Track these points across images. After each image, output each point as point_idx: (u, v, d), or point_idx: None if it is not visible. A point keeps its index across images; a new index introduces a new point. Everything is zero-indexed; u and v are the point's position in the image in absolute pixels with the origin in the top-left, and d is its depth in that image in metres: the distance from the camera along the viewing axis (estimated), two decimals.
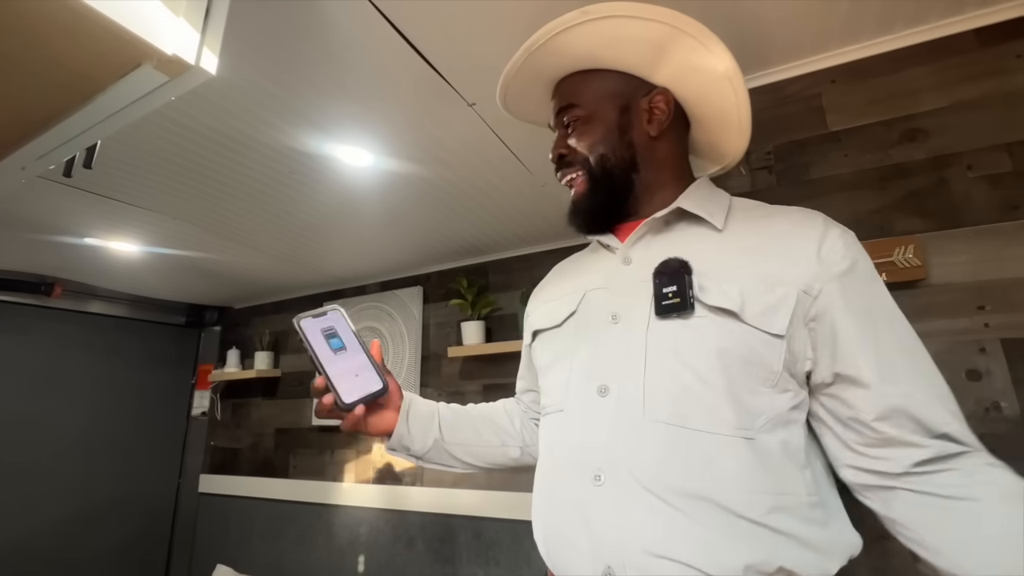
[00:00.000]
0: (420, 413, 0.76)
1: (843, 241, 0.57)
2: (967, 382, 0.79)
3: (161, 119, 1.07)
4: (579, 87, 0.70)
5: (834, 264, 0.55)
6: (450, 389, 2.11)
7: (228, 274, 2.30)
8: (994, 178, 0.82)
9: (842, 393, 0.55)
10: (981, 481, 0.49)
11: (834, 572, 0.52)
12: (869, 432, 0.53)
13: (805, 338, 0.55)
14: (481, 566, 1.87)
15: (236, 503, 2.56)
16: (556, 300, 0.72)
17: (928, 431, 0.51)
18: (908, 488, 0.52)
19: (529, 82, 0.73)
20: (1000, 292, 0.79)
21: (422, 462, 0.77)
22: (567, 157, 0.69)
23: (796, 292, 0.54)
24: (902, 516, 0.52)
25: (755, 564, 0.48)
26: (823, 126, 0.96)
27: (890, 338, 0.54)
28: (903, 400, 0.51)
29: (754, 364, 0.54)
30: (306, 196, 1.48)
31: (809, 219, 0.60)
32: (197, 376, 2.94)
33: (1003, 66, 0.85)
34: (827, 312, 0.54)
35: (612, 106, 0.67)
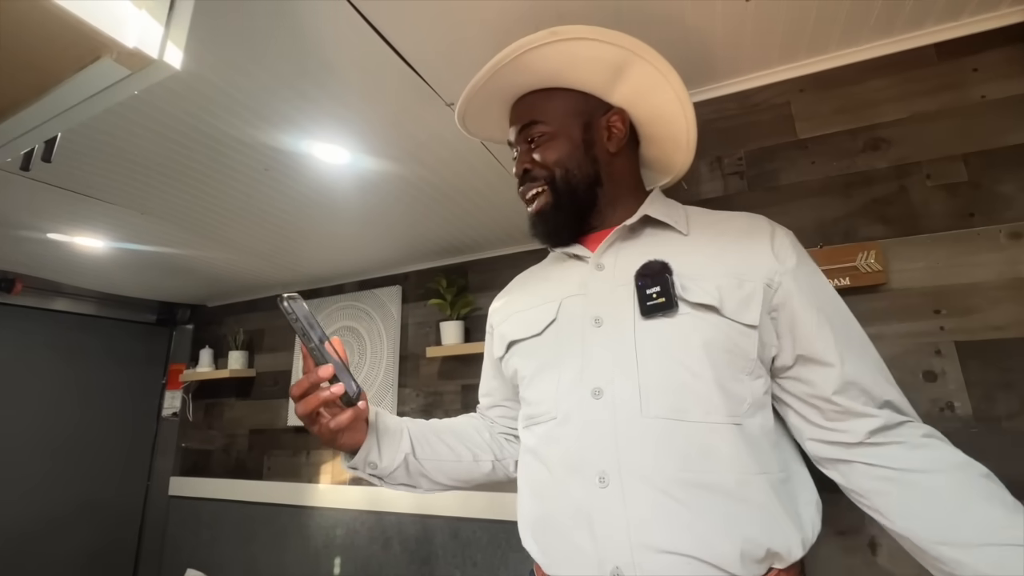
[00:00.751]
0: (389, 427, 0.72)
1: (788, 239, 0.65)
2: (923, 383, 0.82)
3: (128, 112, 1.04)
4: (542, 104, 0.73)
5: (786, 259, 0.62)
6: (428, 389, 2.10)
7: (200, 271, 2.24)
8: (951, 187, 0.86)
9: (803, 374, 0.61)
10: (922, 455, 0.56)
11: (805, 549, 0.56)
12: (829, 406, 0.59)
13: (770, 326, 0.61)
14: (458, 566, 1.86)
15: (208, 506, 2.50)
16: (529, 310, 0.73)
17: (875, 401, 0.58)
18: (862, 461, 0.58)
19: (488, 100, 0.76)
20: (955, 297, 0.82)
21: (384, 482, 0.71)
22: (532, 172, 0.71)
23: (762, 286, 0.61)
24: (859, 486, 0.59)
25: (748, 550, 0.52)
26: (792, 133, 0.99)
27: (837, 321, 0.61)
28: (855, 375, 0.58)
29: (734, 354, 0.59)
30: (281, 193, 1.46)
31: (757, 222, 0.68)
32: (168, 376, 2.86)
33: (960, 80, 0.88)
34: (786, 302, 0.61)
35: (576, 123, 0.71)
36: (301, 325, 0.56)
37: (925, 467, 0.55)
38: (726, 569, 0.52)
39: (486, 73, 0.71)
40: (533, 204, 0.72)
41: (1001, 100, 0.85)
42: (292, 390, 0.59)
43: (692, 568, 0.52)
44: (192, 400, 2.74)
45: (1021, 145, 0.83)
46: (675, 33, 0.91)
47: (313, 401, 0.58)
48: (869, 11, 0.87)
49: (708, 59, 0.99)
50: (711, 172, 1.04)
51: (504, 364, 0.76)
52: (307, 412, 0.58)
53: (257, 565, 2.29)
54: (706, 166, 1.04)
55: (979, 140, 0.85)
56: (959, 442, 0.78)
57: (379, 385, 2.19)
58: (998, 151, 0.84)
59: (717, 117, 1.06)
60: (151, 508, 2.68)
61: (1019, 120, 0.84)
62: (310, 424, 0.61)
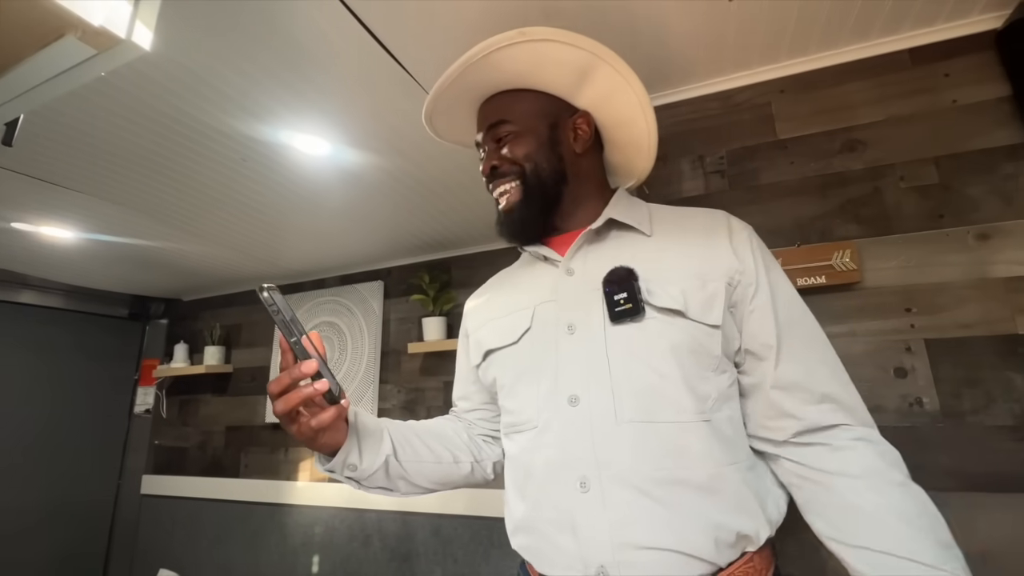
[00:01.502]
0: (369, 427, 0.69)
1: (746, 234, 0.66)
2: (894, 379, 0.84)
3: (96, 96, 1.00)
4: (510, 105, 0.73)
5: (744, 255, 0.64)
6: (410, 385, 2.09)
7: (175, 264, 2.18)
8: (923, 189, 0.88)
9: (749, 367, 0.63)
10: (840, 458, 0.57)
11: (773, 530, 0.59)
12: (766, 401, 0.61)
13: (731, 322, 0.62)
14: (439, 563, 1.86)
15: (182, 505, 2.44)
16: (505, 317, 0.73)
17: (814, 398, 0.59)
18: (787, 457, 0.60)
19: (456, 99, 0.76)
20: (925, 295, 0.85)
21: (361, 485, 0.69)
22: (500, 168, 0.71)
23: (723, 285, 0.62)
24: (786, 480, 0.61)
25: (721, 537, 0.55)
26: (773, 134, 1.01)
27: (784, 318, 0.62)
28: (794, 373, 0.60)
29: (700, 354, 0.60)
30: (260, 184, 1.42)
31: (715, 218, 0.69)
32: (140, 371, 2.79)
33: (933, 84, 0.91)
34: (743, 299, 0.62)
35: (542, 123, 0.72)
36: (283, 318, 0.53)
37: (838, 470, 0.56)
38: (704, 558, 0.54)
39: (455, 70, 0.70)
40: (503, 202, 0.71)
41: (971, 105, 0.88)
42: (270, 387, 0.55)
43: (672, 561, 0.54)
44: (166, 396, 2.67)
45: (989, 149, 0.85)
46: (659, 32, 0.91)
47: (294, 398, 0.54)
48: (847, 14, 0.88)
49: (691, 59, 0.99)
50: (693, 171, 1.05)
51: (482, 372, 0.76)
52: (287, 410, 0.55)
53: (233, 564, 2.25)
54: (688, 164, 1.05)
55: (949, 144, 0.88)
56: (926, 436, 0.80)
57: (360, 381, 2.16)
58: (967, 154, 0.86)
59: (700, 116, 1.07)
60: (122, 507, 2.61)
61: (987, 125, 0.86)
62: (289, 423, 0.57)
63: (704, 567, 0.54)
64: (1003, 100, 0.86)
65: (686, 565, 0.54)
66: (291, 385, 0.55)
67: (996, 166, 0.84)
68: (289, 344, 0.54)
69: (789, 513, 0.62)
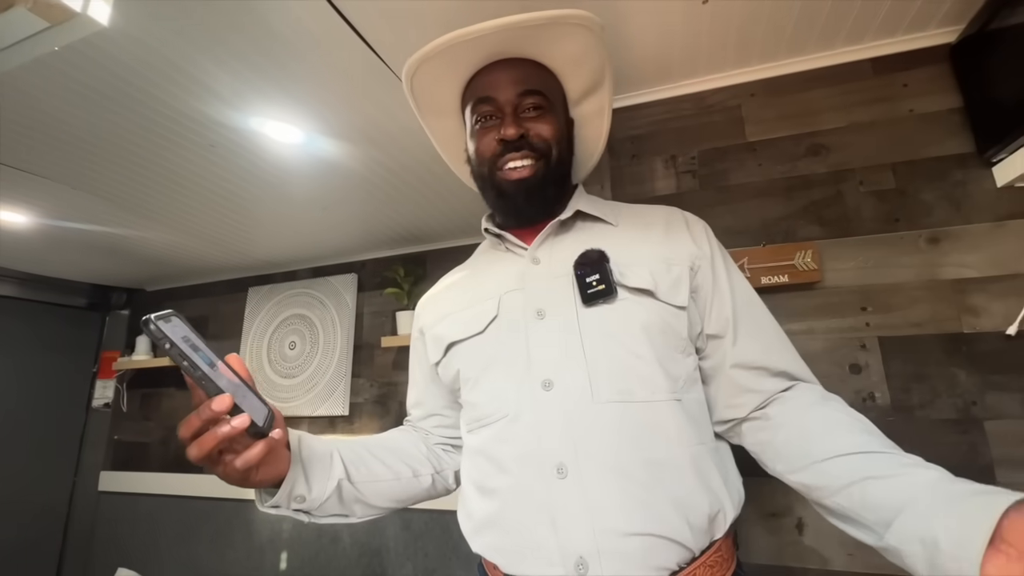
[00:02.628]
0: (316, 452, 0.63)
1: (701, 226, 0.70)
2: (849, 375, 0.88)
3: (53, 73, 0.95)
4: (544, 79, 0.70)
5: (702, 245, 0.67)
6: (383, 380, 2.07)
7: (139, 253, 2.10)
8: (880, 193, 0.92)
9: (710, 350, 0.65)
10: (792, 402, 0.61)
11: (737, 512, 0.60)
12: (727, 381, 0.63)
13: (694, 307, 0.65)
14: (410, 558, 1.85)
15: (143, 501, 2.36)
16: (467, 309, 0.71)
17: (771, 371, 0.62)
18: (750, 419, 0.63)
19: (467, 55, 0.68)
20: (880, 295, 0.89)
21: (311, 516, 0.62)
22: (529, 139, 0.66)
23: (687, 268, 0.65)
24: (750, 444, 0.63)
25: (695, 521, 0.55)
26: (742, 136, 1.03)
27: (740, 301, 0.65)
28: (752, 350, 0.63)
29: (669, 334, 0.62)
30: (229, 172, 1.38)
31: (673, 213, 0.72)
32: (99, 364, 2.68)
33: (892, 93, 0.95)
34: (703, 284, 0.65)
35: (563, 112, 0.73)
36: (179, 350, 0.45)
37: (790, 407, 0.60)
38: (681, 542, 0.54)
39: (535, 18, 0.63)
40: (514, 171, 0.66)
41: (926, 115, 0.92)
42: (180, 431, 0.47)
43: (651, 547, 0.53)
44: (127, 390, 2.58)
45: (942, 157, 0.90)
46: (637, 31, 0.93)
47: (208, 442, 0.46)
48: (815, 22, 0.91)
49: (667, 59, 1.01)
50: (665, 170, 1.07)
51: (442, 368, 0.73)
52: (201, 456, 0.47)
53: (198, 562, 2.19)
54: (661, 164, 1.07)
55: (906, 151, 0.92)
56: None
57: (331, 375, 2.13)
58: (922, 162, 0.91)
59: (673, 116, 1.09)
60: (78, 505, 2.50)
61: (941, 134, 0.91)
62: (211, 467, 0.50)
63: (682, 553, 0.54)
64: (955, 111, 0.90)
65: (665, 551, 0.54)
66: (204, 427, 0.47)
67: (947, 173, 0.89)
68: (194, 380, 0.46)
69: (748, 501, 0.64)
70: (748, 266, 0.93)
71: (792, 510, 0.87)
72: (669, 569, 0.54)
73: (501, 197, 0.69)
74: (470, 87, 0.72)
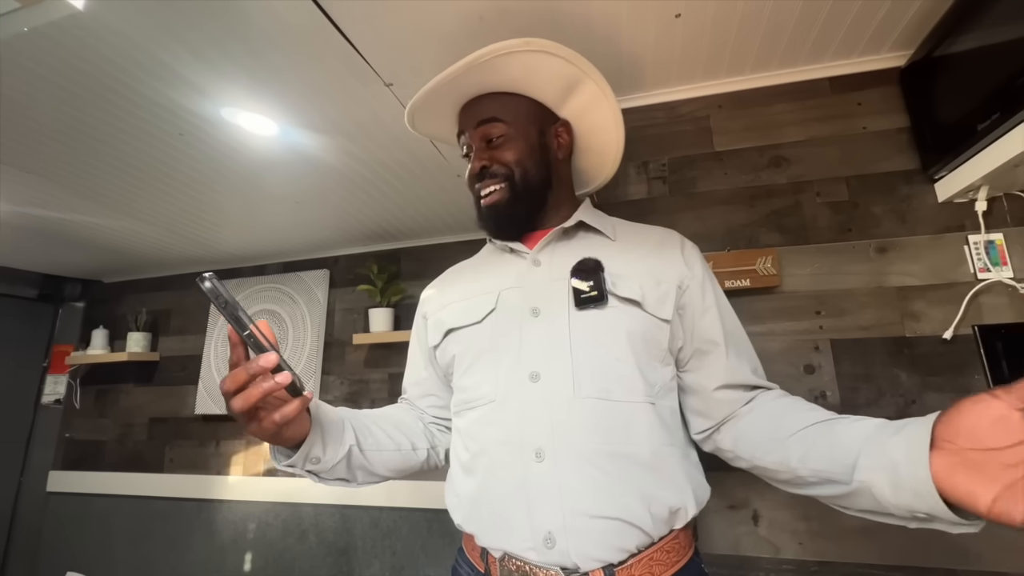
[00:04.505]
0: (331, 418, 0.68)
1: (694, 250, 0.76)
2: (804, 375, 0.93)
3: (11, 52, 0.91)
4: (502, 105, 0.76)
5: (693, 266, 0.72)
6: (354, 377, 2.05)
7: (96, 242, 2.01)
8: (835, 205, 0.98)
9: (694, 365, 0.70)
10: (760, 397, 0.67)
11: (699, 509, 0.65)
12: (706, 396, 0.69)
13: (678, 322, 0.70)
14: (377, 556, 1.84)
15: (95, 502, 2.26)
16: (467, 300, 0.76)
17: (746, 387, 0.69)
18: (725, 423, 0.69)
19: (445, 96, 0.78)
20: (832, 300, 0.94)
21: (319, 477, 0.67)
22: (491, 168, 0.74)
23: (675, 287, 0.70)
24: (727, 445, 0.68)
25: (657, 512, 0.60)
26: (710, 145, 1.08)
27: (729, 322, 0.72)
28: (736, 368, 0.69)
29: (650, 343, 0.67)
30: (198, 162, 1.35)
31: (670, 235, 0.78)
32: (51, 358, 2.55)
33: (847, 111, 1.01)
34: (691, 303, 0.71)
35: (533, 127, 0.77)
36: (232, 310, 0.49)
37: (758, 406, 0.66)
38: (642, 528, 0.59)
39: (459, 68, 0.72)
40: (486, 198, 0.74)
41: (878, 132, 0.99)
42: (224, 384, 0.51)
43: (615, 529, 0.59)
44: (80, 386, 2.46)
45: (890, 173, 0.96)
46: (613, 41, 0.96)
47: (254, 394, 0.50)
48: (778, 41, 0.96)
49: (641, 68, 1.05)
50: (638, 175, 1.10)
51: (439, 351, 0.78)
52: (247, 407, 0.51)
53: (155, 564, 2.11)
54: (634, 169, 1.11)
55: (859, 165, 0.98)
56: None
57: (301, 372, 2.09)
58: (873, 176, 0.97)
59: (646, 124, 1.13)
60: (24, 506, 2.38)
61: (890, 151, 0.97)
62: (247, 420, 0.54)
63: (641, 537, 0.60)
64: (903, 130, 0.97)
65: (626, 534, 0.59)
66: (248, 381, 0.51)
67: (895, 188, 0.95)
68: (241, 338, 0.50)
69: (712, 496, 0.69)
70: (713, 270, 0.96)
71: (749, 502, 0.92)
72: (628, 551, 0.59)
73: (482, 219, 0.77)
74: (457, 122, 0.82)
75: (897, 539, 0.83)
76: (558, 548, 0.58)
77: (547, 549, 0.59)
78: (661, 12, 0.89)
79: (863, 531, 0.85)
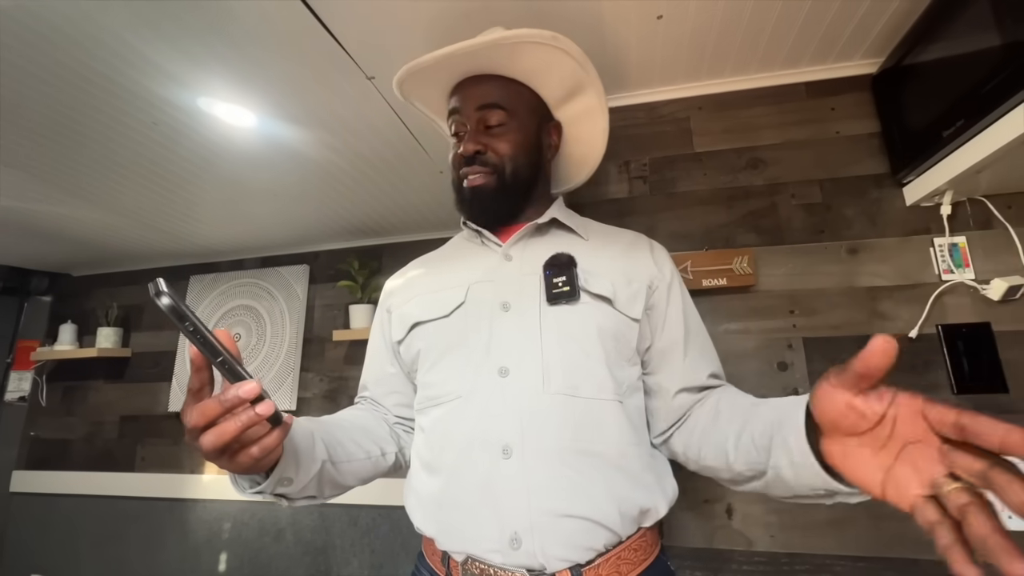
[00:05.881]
0: (301, 434, 0.60)
1: (663, 253, 0.77)
2: (777, 372, 0.95)
3: None
4: (507, 93, 0.75)
5: (662, 268, 0.73)
6: (333, 374, 2.02)
7: (65, 234, 1.95)
8: (809, 207, 1.01)
9: (656, 367, 0.71)
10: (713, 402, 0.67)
11: (667, 508, 0.65)
12: (667, 399, 0.70)
13: (646, 321, 0.70)
14: (356, 554, 1.83)
15: (62, 503, 2.20)
16: (435, 293, 0.74)
17: (702, 388, 0.70)
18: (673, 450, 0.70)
19: (448, 69, 0.75)
20: (805, 299, 0.97)
21: (289, 500, 0.59)
22: (484, 155, 0.72)
23: (644, 287, 0.70)
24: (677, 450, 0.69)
25: (626, 510, 0.60)
26: (690, 146, 1.10)
27: (693, 325, 0.73)
28: (695, 368, 0.70)
29: (620, 342, 0.67)
30: (172, 152, 1.31)
31: (639, 237, 0.79)
32: (15, 354, 2.46)
33: (822, 116, 1.04)
34: (658, 303, 0.72)
35: (532, 122, 0.76)
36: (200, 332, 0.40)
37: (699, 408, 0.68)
38: (610, 527, 0.59)
39: (480, 45, 0.70)
40: (471, 179, 0.72)
41: (850, 137, 1.01)
42: (192, 418, 0.43)
43: (583, 528, 0.58)
44: (46, 383, 2.38)
45: (862, 176, 0.99)
46: (597, 41, 0.96)
47: (230, 429, 0.42)
48: (757, 45, 0.98)
49: (624, 69, 1.06)
50: (619, 174, 1.12)
51: (404, 346, 0.74)
52: (221, 444, 0.43)
53: (125, 565, 2.06)
54: (615, 168, 1.12)
55: (832, 169, 1.01)
56: None
57: (279, 369, 2.06)
58: (845, 180, 1.00)
59: (628, 124, 1.14)
60: None
61: (862, 155, 1.00)
62: (227, 458, 0.45)
63: (609, 536, 0.59)
64: (874, 135, 1.00)
65: (594, 533, 0.58)
66: (222, 414, 0.43)
67: (866, 191, 0.98)
68: (215, 364, 0.42)
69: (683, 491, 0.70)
70: (691, 268, 0.99)
71: (723, 497, 0.94)
72: (596, 550, 0.58)
73: (462, 201, 0.75)
74: (450, 99, 0.79)
75: (864, 531, 0.86)
76: (524, 549, 0.57)
77: (512, 550, 0.57)
78: (644, 13, 0.90)
79: (832, 524, 0.88)
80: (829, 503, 0.49)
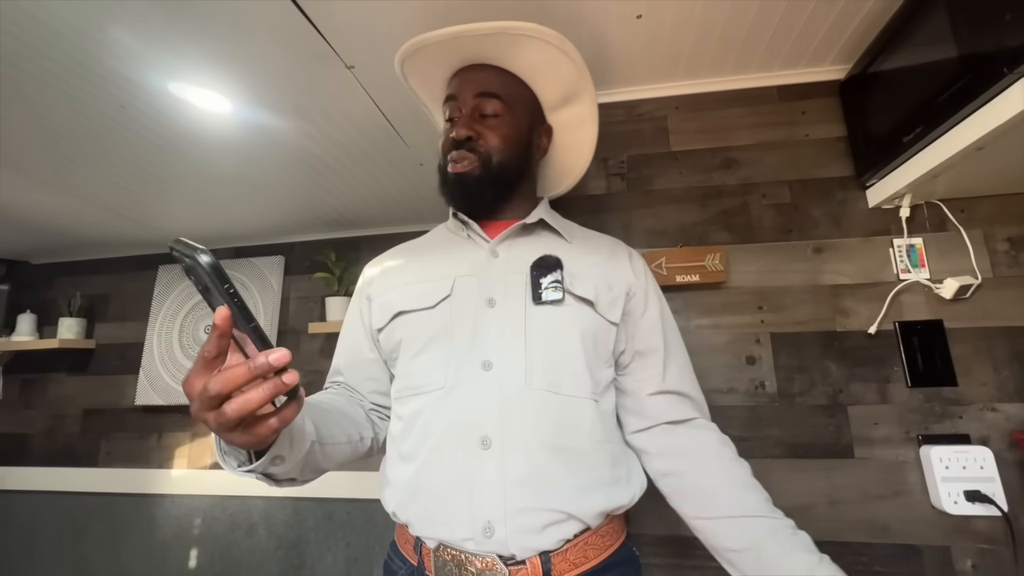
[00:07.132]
0: None
1: (641, 260, 0.80)
2: (745, 365, 0.99)
3: None
4: (506, 85, 0.76)
5: (640, 276, 0.77)
6: (309, 367, 2.00)
7: (23, 219, 1.86)
8: (778, 207, 1.04)
9: (635, 369, 0.74)
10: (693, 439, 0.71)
11: (634, 501, 0.69)
12: (642, 399, 0.73)
13: (623, 327, 0.72)
14: (330, 548, 1.82)
15: (19, 499, 2.11)
16: (420, 283, 0.74)
17: (680, 396, 0.73)
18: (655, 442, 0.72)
19: (451, 52, 0.76)
20: (773, 296, 1.00)
21: (275, 480, 0.57)
22: (475, 143, 0.72)
23: (624, 292, 0.73)
24: (655, 472, 0.72)
25: (598, 503, 0.63)
26: (667, 145, 1.12)
27: (669, 330, 0.76)
28: (671, 378, 0.73)
29: (599, 343, 0.70)
30: (140, 137, 1.27)
31: (618, 244, 0.82)
32: None
33: (792, 119, 1.07)
34: (635, 309, 0.75)
35: (527, 117, 0.78)
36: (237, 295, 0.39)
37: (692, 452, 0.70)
38: (581, 519, 0.62)
39: (489, 28, 0.70)
40: (456, 165, 0.73)
41: (819, 140, 1.05)
42: (214, 384, 0.40)
43: (555, 519, 0.60)
44: (4, 375, 2.28)
45: (828, 178, 1.03)
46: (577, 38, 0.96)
47: (256, 398, 0.41)
48: (731, 47, 1.01)
49: (604, 66, 1.07)
50: (598, 171, 1.13)
51: (384, 335, 0.74)
52: (243, 414, 0.41)
53: (88, 563, 2.00)
54: (594, 165, 1.13)
55: (801, 170, 1.04)
56: (765, 414, 0.96)
57: None
58: (812, 181, 1.04)
59: (607, 121, 1.15)
60: None
61: (829, 158, 1.04)
62: (232, 428, 0.43)
63: (579, 526, 0.62)
64: (840, 139, 1.04)
65: (565, 524, 0.61)
66: (249, 381, 0.41)
67: (832, 193, 1.02)
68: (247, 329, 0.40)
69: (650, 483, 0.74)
70: (666, 265, 1.01)
71: None
72: (566, 539, 0.61)
73: (445, 185, 0.76)
74: (449, 84, 0.80)
75: (823, 517, 0.90)
76: (496, 537, 0.59)
77: (485, 538, 0.59)
78: (623, 12, 0.92)
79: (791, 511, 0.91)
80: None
